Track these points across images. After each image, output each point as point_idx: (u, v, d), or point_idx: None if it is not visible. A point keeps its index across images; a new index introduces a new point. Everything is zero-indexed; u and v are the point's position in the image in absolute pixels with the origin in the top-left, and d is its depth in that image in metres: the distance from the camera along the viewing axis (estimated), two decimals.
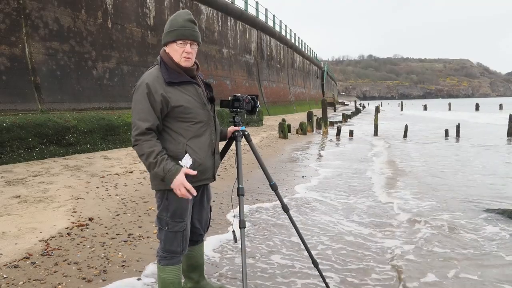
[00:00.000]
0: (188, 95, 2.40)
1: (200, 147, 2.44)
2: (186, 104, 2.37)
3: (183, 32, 2.36)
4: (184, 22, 2.37)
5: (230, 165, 8.40)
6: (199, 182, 2.49)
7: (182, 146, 2.38)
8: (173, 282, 2.54)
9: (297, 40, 45.48)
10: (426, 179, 8.37)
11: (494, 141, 16.22)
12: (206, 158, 2.47)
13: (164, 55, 2.44)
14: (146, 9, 14.01)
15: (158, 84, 2.32)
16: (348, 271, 3.69)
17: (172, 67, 2.39)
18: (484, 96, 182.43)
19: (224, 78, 21.87)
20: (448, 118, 22.72)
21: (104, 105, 11.29)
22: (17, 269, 3.31)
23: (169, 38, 2.39)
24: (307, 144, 14.95)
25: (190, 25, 2.38)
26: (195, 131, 2.42)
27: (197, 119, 2.42)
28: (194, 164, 2.40)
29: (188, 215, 2.52)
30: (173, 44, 2.39)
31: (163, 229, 2.48)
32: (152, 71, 2.40)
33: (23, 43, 9.09)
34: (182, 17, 2.39)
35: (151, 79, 2.34)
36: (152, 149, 2.26)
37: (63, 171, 7.08)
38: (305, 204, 6.10)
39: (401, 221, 5.33)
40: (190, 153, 2.40)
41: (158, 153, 2.27)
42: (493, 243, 4.50)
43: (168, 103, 2.33)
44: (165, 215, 2.45)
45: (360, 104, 67.58)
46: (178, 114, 2.37)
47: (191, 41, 2.39)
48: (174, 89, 2.36)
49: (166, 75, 2.36)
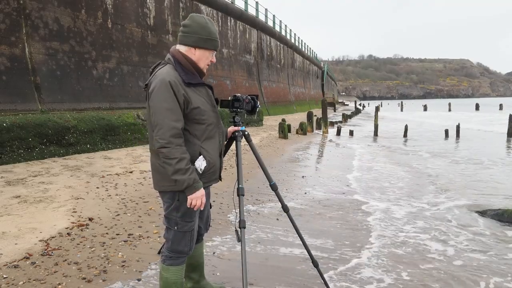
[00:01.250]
0: (202, 97, 2.42)
1: (212, 148, 2.48)
2: (201, 106, 2.40)
3: (218, 44, 2.49)
4: (217, 33, 2.47)
5: (230, 165, 8.40)
6: (209, 182, 2.54)
7: (197, 148, 2.41)
8: (176, 283, 2.55)
9: (297, 40, 45.48)
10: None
11: (493, 150, 16.16)
12: (216, 160, 2.53)
13: (179, 55, 2.42)
14: (146, 9, 14.00)
15: (179, 84, 2.32)
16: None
17: (188, 68, 2.40)
18: (484, 96, 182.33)
19: (224, 78, 21.87)
20: (445, 124, 22.72)
21: (104, 105, 11.28)
22: (17, 269, 3.31)
23: (207, 45, 2.43)
24: (307, 144, 14.94)
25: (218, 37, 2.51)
26: (208, 133, 2.45)
27: (209, 121, 2.45)
28: (208, 166, 2.45)
29: (197, 215, 2.55)
30: (206, 51, 2.44)
31: (172, 229, 2.49)
32: (169, 71, 2.36)
33: (23, 43, 9.09)
34: (215, 28, 2.48)
35: (172, 78, 2.31)
36: (185, 155, 2.27)
37: (63, 171, 7.08)
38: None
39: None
40: (204, 155, 2.42)
41: (189, 160, 2.30)
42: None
43: (188, 104, 2.34)
44: (175, 215, 2.45)
45: (360, 104, 67.62)
46: (195, 116, 2.38)
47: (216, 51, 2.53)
48: (191, 90, 2.37)
49: (184, 76, 2.36)
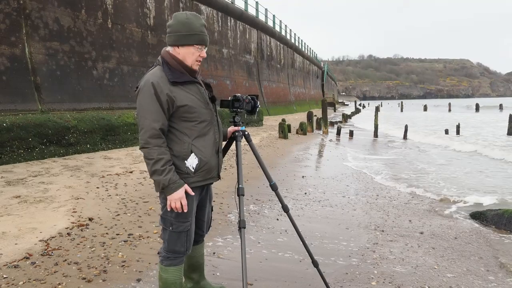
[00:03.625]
0: (191, 94, 2.41)
1: (205, 146, 2.46)
2: (190, 104, 2.39)
3: (203, 38, 2.41)
4: (201, 27, 2.41)
5: (230, 165, 8.40)
6: (205, 181, 2.51)
7: (187, 146, 2.40)
8: (175, 283, 2.54)
9: (297, 40, 45.45)
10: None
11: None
12: (211, 157, 2.49)
13: (167, 55, 2.43)
14: (146, 9, 14.00)
15: (163, 84, 2.33)
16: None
17: (176, 67, 2.40)
18: (484, 96, 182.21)
19: (224, 78, 21.86)
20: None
21: (104, 105, 11.28)
22: (17, 269, 3.31)
23: (188, 41, 2.40)
24: (307, 144, 14.94)
25: (205, 31, 2.44)
26: (199, 130, 2.44)
27: (201, 118, 2.43)
28: (200, 164, 2.43)
29: (193, 215, 2.53)
30: (190, 47, 2.41)
31: (167, 229, 2.48)
32: (155, 71, 2.40)
33: (23, 43, 9.08)
34: (198, 21, 2.42)
35: (155, 79, 2.34)
36: (161, 156, 2.28)
37: (63, 171, 7.08)
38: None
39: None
40: (196, 153, 2.41)
41: (166, 161, 2.29)
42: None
43: (173, 103, 2.34)
44: (170, 215, 2.45)
45: (360, 104, 67.60)
46: (183, 114, 2.38)
47: (205, 46, 2.46)
48: (178, 89, 2.37)
49: (170, 75, 2.36)
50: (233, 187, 2.71)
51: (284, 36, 36.95)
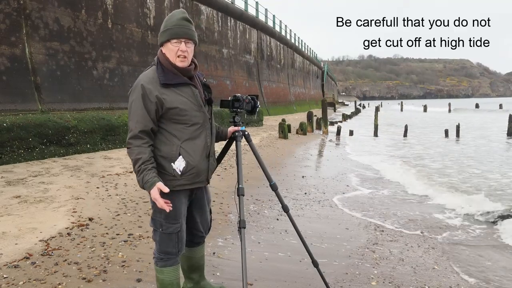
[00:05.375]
0: (183, 96, 2.37)
1: (195, 149, 2.41)
2: (181, 106, 2.35)
3: (177, 31, 2.34)
4: (178, 21, 2.36)
5: (230, 165, 8.40)
6: (192, 185, 2.46)
7: (176, 148, 2.36)
8: (172, 283, 2.53)
9: (297, 40, 45.44)
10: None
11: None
12: (200, 161, 2.44)
13: (160, 56, 2.42)
14: (146, 9, 14.00)
15: (153, 86, 2.31)
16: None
17: (169, 68, 2.38)
18: (484, 96, 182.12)
19: (224, 78, 21.86)
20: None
21: (104, 105, 11.28)
22: (17, 269, 3.31)
23: (164, 38, 2.38)
24: (307, 144, 14.94)
25: (184, 24, 2.36)
26: (190, 133, 2.39)
27: (192, 121, 2.39)
28: (187, 167, 2.39)
29: (183, 216, 2.50)
30: (168, 44, 2.38)
31: (158, 230, 2.47)
32: (148, 72, 2.39)
33: (23, 43, 9.09)
34: (176, 16, 2.38)
35: (146, 80, 2.33)
36: (139, 156, 2.26)
37: (63, 171, 7.08)
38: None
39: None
40: (184, 156, 2.37)
41: (143, 162, 2.26)
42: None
43: (162, 105, 2.31)
44: (159, 217, 2.44)
45: (360, 104, 67.55)
46: (173, 116, 2.35)
47: (186, 39, 2.37)
48: (170, 91, 2.34)
49: (162, 77, 2.34)
50: (233, 187, 2.70)
51: (284, 36, 36.94)
